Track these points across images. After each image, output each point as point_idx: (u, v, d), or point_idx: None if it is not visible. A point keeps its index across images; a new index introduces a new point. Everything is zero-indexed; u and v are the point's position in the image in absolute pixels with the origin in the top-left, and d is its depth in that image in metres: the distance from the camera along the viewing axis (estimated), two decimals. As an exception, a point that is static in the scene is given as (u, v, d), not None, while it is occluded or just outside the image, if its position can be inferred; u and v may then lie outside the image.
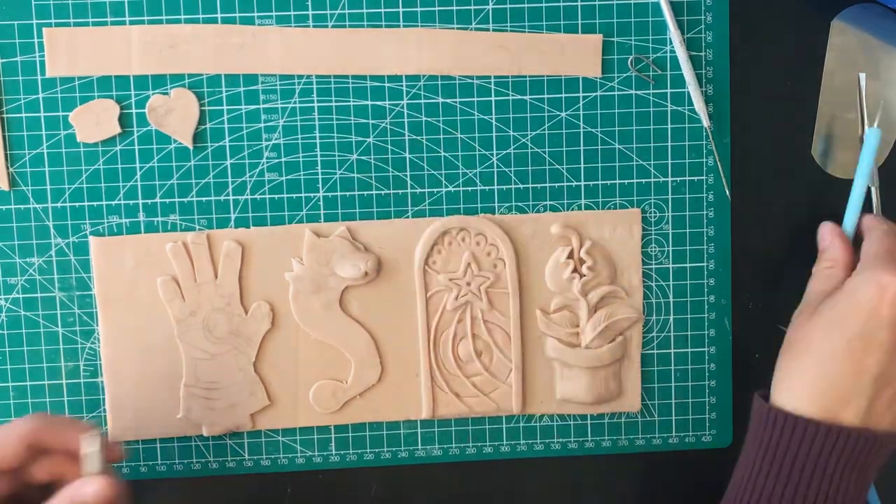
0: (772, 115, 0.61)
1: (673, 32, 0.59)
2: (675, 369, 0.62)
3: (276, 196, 0.59)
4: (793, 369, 0.48)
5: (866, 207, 0.62)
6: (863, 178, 0.58)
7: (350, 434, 0.62)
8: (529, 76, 0.59)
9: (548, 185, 0.60)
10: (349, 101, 0.59)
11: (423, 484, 0.62)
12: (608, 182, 0.60)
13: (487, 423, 0.62)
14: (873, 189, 0.62)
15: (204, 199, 0.59)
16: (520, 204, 0.60)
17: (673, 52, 0.60)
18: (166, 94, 0.58)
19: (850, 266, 0.53)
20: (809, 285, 0.55)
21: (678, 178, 0.61)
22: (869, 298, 0.46)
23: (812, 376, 0.47)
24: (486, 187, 0.60)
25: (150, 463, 0.61)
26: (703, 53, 0.60)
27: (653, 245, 0.61)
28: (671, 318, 0.62)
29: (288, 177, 0.59)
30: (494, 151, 0.60)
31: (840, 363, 0.46)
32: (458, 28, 0.59)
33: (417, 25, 0.59)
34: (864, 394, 0.46)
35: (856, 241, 0.56)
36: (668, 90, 0.60)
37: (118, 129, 0.58)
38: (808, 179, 0.62)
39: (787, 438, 0.46)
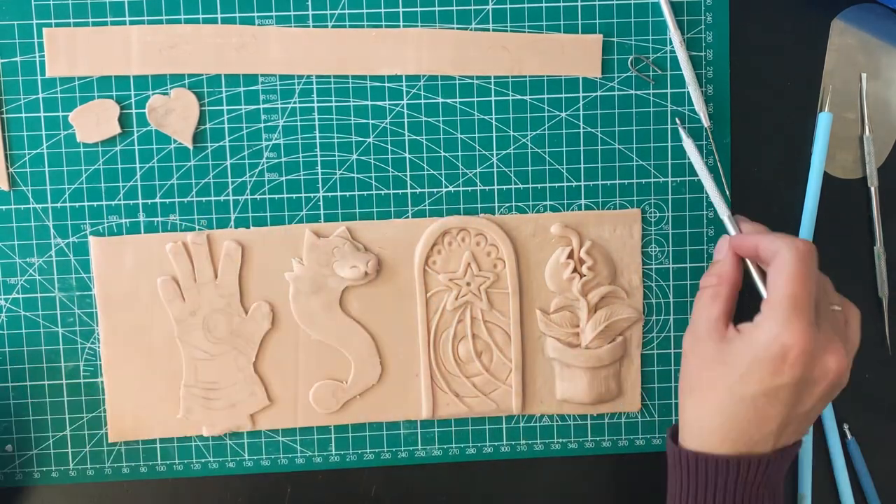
0: (772, 115, 0.61)
1: (673, 32, 0.59)
2: (675, 369, 0.62)
3: (276, 196, 0.59)
4: (700, 415, 0.50)
5: (866, 207, 0.62)
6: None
7: (350, 434, 0.62)
8: (529, 76, 0.59)
9: (548, 185, 0.60)
10: (349, 101, 0.59)
11: (423, 484, 0.62)
12: (608, 182, 0.60)
13: (487, 423, 0.62)
14: (873, 189, 0.62)
15: (204, 199, 0.59)
16: (520, 204, 0.60)
17: (673, 52, 0.60)
18: (166, 94, 0.58)
19: (735, 284, 0.52)
20: (696, 304, 0.53)
21: (678, 178, 0.61)
22: (772, 359, 0.47)
23: (719, 423, 0.49)
24: (486, 187, 0.60)
25: (150, 463, 0.61)
26: (703, 53, 0.60)
27: (653, 245, 0.61)
28: (671, 318, 0.62)
29: (288, 177, 0.59)
30: (494, 151, 0.60)
31: (746, 414, 0.48)
32: (458, 28, 0.59)
33: (417, 25, 0.59)
34: (769, 436, 0.49)
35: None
36: (668, 90, 0.60)
37: (118, 129, 0.58)
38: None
39: (703, 476, 0.49)
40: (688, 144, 0.58)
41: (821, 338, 0.48)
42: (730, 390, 0.48)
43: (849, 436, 0.63)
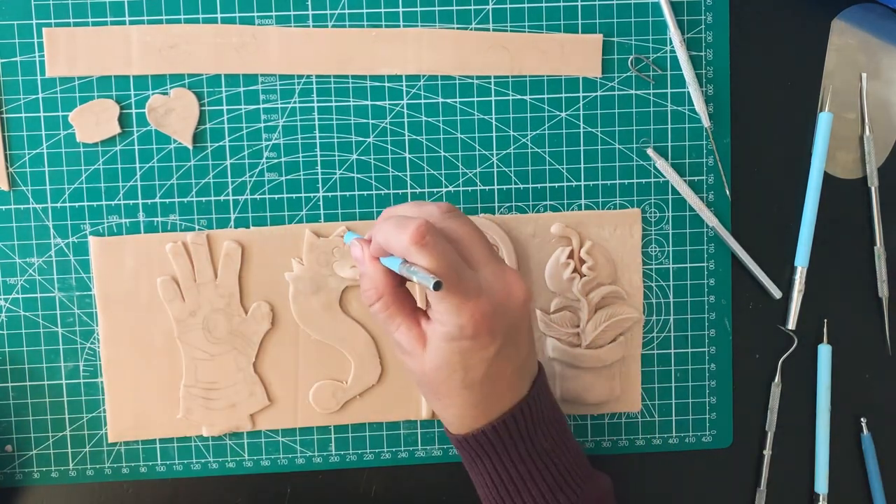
0: (772, 115, 0.61)
1: (673, 32, 0.59)
2: (676, 369, 0.62)
3: (276, 196, 0.59)
4: (456, 413, 0.50)
5: (866, 207, 0.62)
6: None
7: (350, 434, 0.61)
8: (529, 76, 0.59)
9: (548, 185, 0.60)
10: (349, 101, 0.59)
11: (423, 484, 0.62)
12: (608, 182, 0.60)
13: (487, 423, 0.62)
14: (873, 189, 0.62)
15: (204, 199, 0.59)
16: (520, 204, 0.60)
17: (673, 52, 0.60)
18: (166, 94, 0.58)
19: (392, 288, 0.50)
20: (384, 327, 0.51)
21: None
22: (463, 339, 0.48)
23: (472, 409, 0.50)
24: (486, 187, 0.60)
25: (150, 463, 0.61)
26: (703, 53, 0.60)
27: (653, 245, 0.61)
28: (671, 318, 0.62)
29: (288, 177, 0.59)
30: (494, 151, 0.60)
31: (487, 391, 0.49)
32: (458, 28, 0.59)
33: (417, 25, 0.59)
34: (513, 386, 0.50)
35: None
36: (668, 90, 0.60)
37: (118, 129, 0.58)
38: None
39: (492, 447, 0.50)
40: (664, 167, 0.59)
41: (471, 285, 0.47)
42: (463, 384, 0.49)
43: (865, 431, 0.63)
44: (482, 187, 0.60)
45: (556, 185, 0.60)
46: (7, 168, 0.58)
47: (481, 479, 0.52)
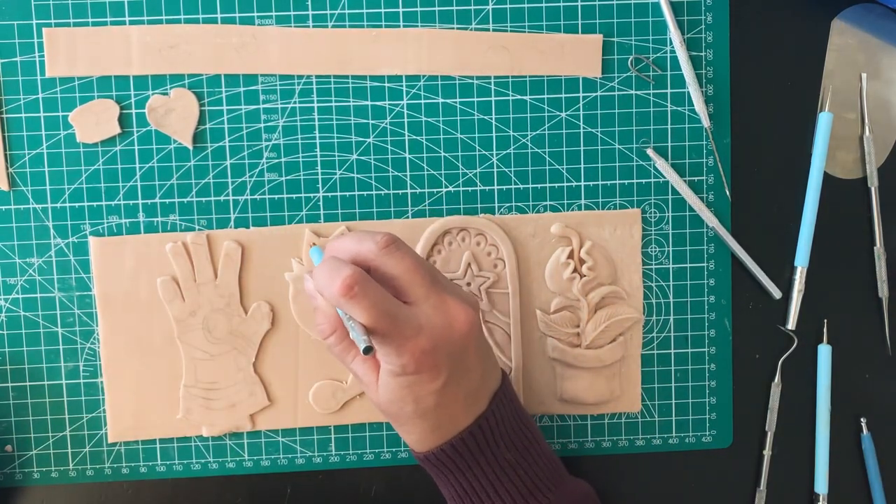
0: (772, 115, 0.61)
1: (673, 32, 0.59)
2: (676, 369, 0.62)
3: (276, 196, 0.59)
4: (418, 438, 0.52)
5: (866, 208, 0.62)
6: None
7: (350, 434, 0.61)
8: (529, 76, 0.59)
9: (548, 185, 0.60)
10: (349, 101, 0.59)
11: (423, 484, 0.62)
12: (608, 182, 0.60)
13: (487, 424, 0.62)
14: (873, 189, 0.62)
15: (204, 199, 0.59)
16: (520, 204, 0.60)
17: (673, 52, 0.60)
18: (166, 94, 0.58)
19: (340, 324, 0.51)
20: (340, 360, 0.52)
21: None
22: (409, 375, 0.49)
23: (431, 434, 0.51)
24: (486, 187, 0.60)
25: (150, 463, 0.61)
26: (703, 53, 0.60)
27: (653, 245, 0.61)
28: (671, 318, 0.62)
29: (288, 177, 0.59)
30: (494, 151, 0.60)
31: (442, 416, 0.50)
32: (458, 28, 0.59)
33: (417, 25, 0.59)
34: (468, 408, 0.51)
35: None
36: (668, 90, 0.60)
37: (118, 130, 0.58)
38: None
39: (456, 462, 0.51)
40: (664, 167, 0.59)
41: (408, 325, 0.47)
42: (416, 414, 0.50)
43: (865, 431, 0.63)
44: (482, 187, 0.60)
45: (556, 185, 0.60)
46: (7, 168, 0.58)
47: (448, 493, 0.53)
